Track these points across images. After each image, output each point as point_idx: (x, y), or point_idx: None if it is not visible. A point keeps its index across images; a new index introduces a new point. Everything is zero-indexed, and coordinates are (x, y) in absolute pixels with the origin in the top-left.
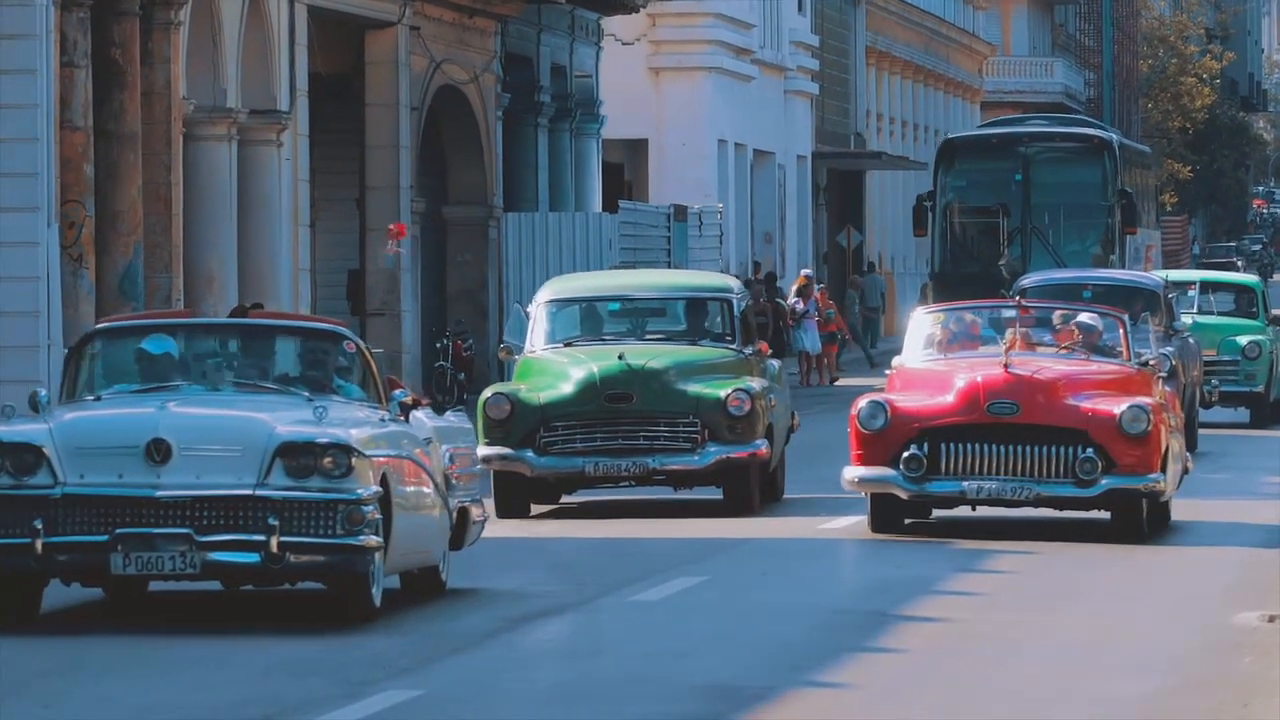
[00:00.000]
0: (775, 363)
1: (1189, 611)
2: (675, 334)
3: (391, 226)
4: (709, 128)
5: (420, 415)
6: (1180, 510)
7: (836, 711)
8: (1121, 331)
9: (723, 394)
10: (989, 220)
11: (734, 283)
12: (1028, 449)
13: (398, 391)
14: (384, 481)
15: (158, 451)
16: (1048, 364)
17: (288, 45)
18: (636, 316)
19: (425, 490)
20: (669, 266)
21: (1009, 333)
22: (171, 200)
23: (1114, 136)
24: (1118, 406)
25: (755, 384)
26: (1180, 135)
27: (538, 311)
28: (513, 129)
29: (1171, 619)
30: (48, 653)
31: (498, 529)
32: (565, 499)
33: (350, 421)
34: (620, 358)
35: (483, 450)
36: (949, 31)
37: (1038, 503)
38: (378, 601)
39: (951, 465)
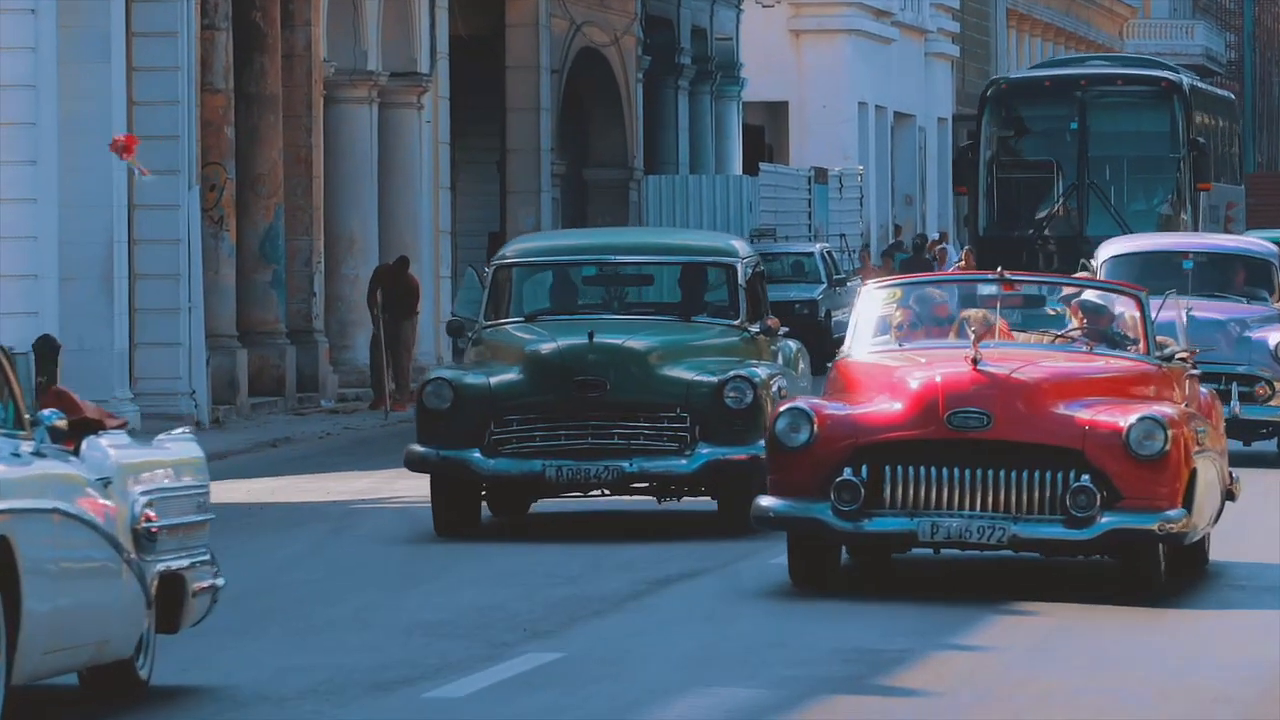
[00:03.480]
0: (792, 344)
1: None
2: (665, 307)
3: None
4: (849, 90)
5: (103, 444)
6: (1223, 547)
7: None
8: (1139, 314)
9: (718, 381)
10: (1041, 175)
11: (739, 244)
12: (1002, 474)
13: (47, 412)
14: (4, 546)
15: None
16: (1033, 359)
17: (428, 8)
18: (617, 285)
19: (94, 554)
20: (810, 231)
21: (979, 316)
22: (312, 163)
23: (1185, 79)
24: (1125, 417)
25: (761, 370)
26: None
27: (495, 277)
28: (653, 91)
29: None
30: None
31: (423, 555)
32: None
33: None
34: (591, 335)
35: (418, 449)
36: None
37: (1015, 546)
38: None
39: (899, 495)
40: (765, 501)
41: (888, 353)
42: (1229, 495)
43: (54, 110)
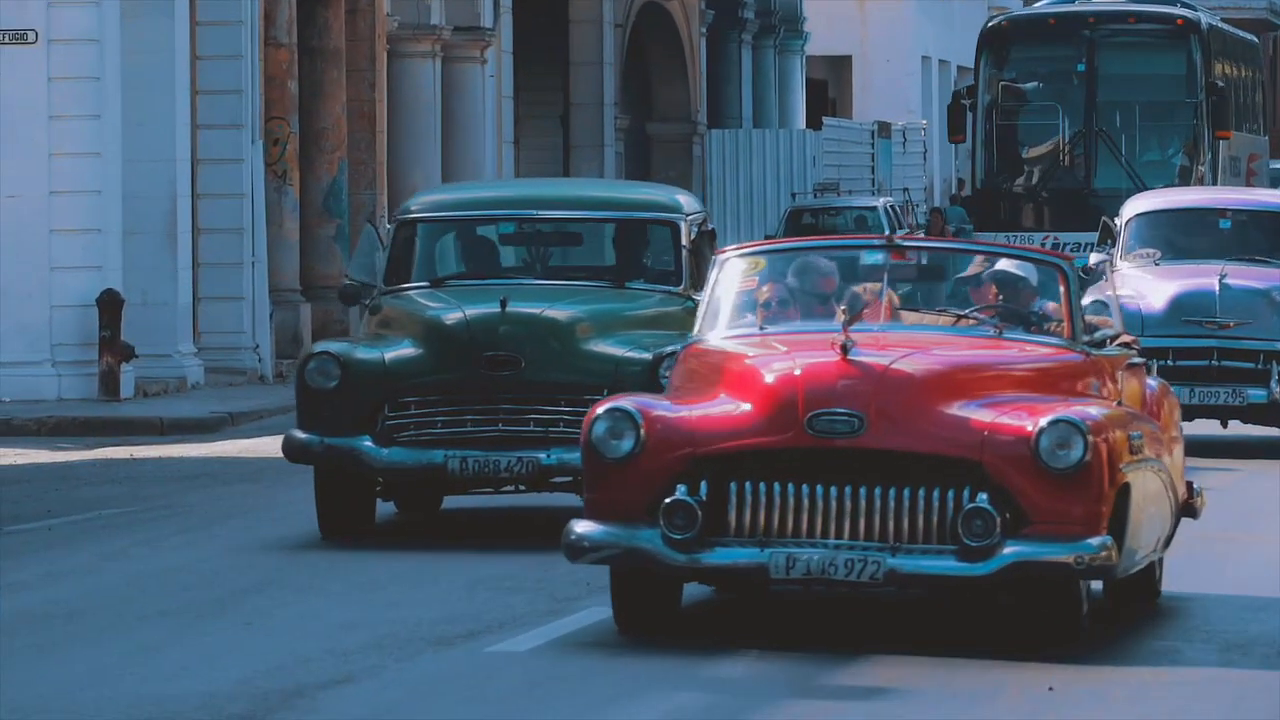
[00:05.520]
0: None
1: None
2: (597, 271)
3: None
4: (913, 44)
5: None
6: (1183, 571)
7: None
8: (1063, 289)
9: (653, 358)
10: (1044, 122)
11: (685, 198)
12: (877, 493)
13: None
14: None
15: None
16: (922, 345)
17: None
18: (540, 245)
19: None
20: (873, 185)
21: (857, 294)
22: (376, 117)
23: (1203, 18)
24: (1035, 420)
25: None
26: None
27: (397, 234)
28: (716, 46)
29: None
30: (251, 570)
31: (301, 559)
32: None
33: None
34: (504, 304)
35: (299, 436)
36: None
37: (894, 583)
38: None
39: (748, 520)
40: (580, 527)
41: (745, 338)
42: (1189, 511)
43: (117, 65)
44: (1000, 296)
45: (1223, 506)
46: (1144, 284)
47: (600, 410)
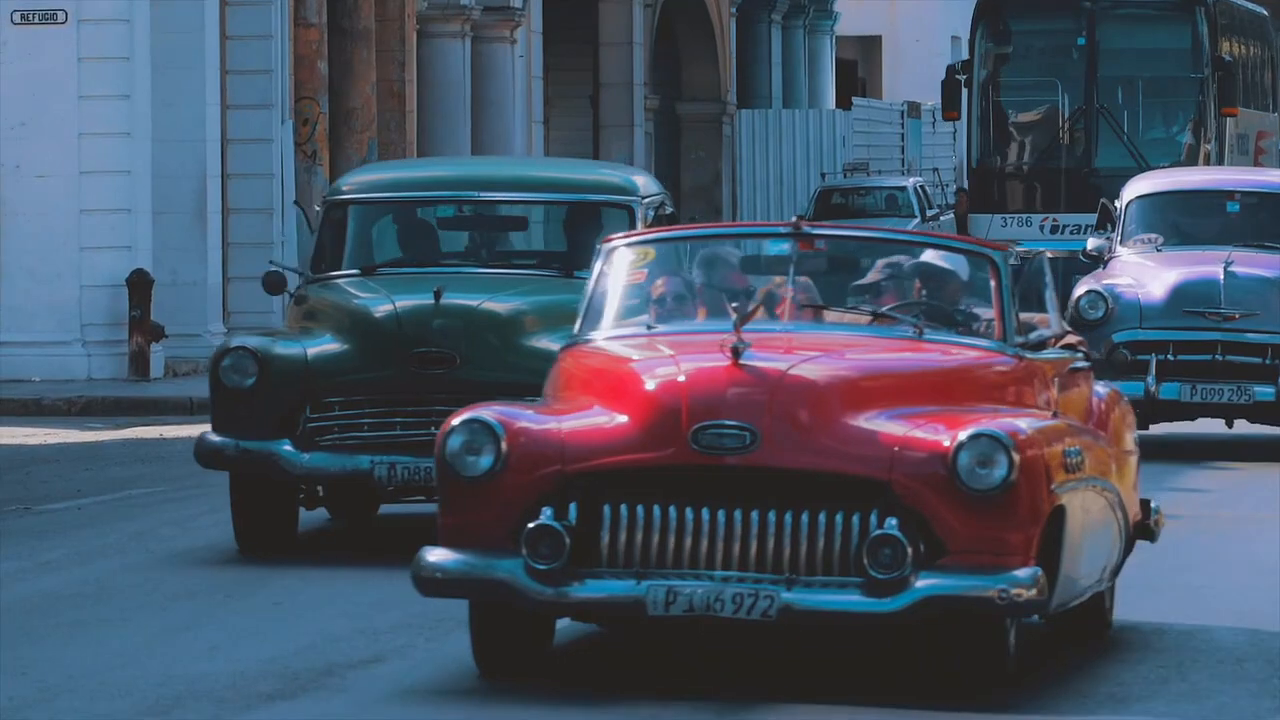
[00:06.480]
0: None
1: None
2: (544, 258)
3: None
4: (942, 24)
5: None
6: (1134, 601)
7: None
8: (995, 284)
9: None
10: (1042, 99)
11: (642, 179)
12: (771, 517)
13: None
14: None
15: None
16: (827, 347)
17: None
18: (483, 229)
19: None
20: (903, 165)
21: (773, 291)
22: (405, 97)
23: None
24: (952, 434)
25: None
26: None
27: (328, 216)
28: (746, 26)
29: None
30: (280, 549)
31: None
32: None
33: None
34: (438, 295)
35: (213, 439)
36: None
37: (789, 620)
38: None
39: (623, 547)
40: (433, 556)
41: (630, 339)
42: (1144, 533)
43: (147, 45)
44: (924, 292)
45: (1222, 506)
46: (1144, 272)
47: (456, 421)
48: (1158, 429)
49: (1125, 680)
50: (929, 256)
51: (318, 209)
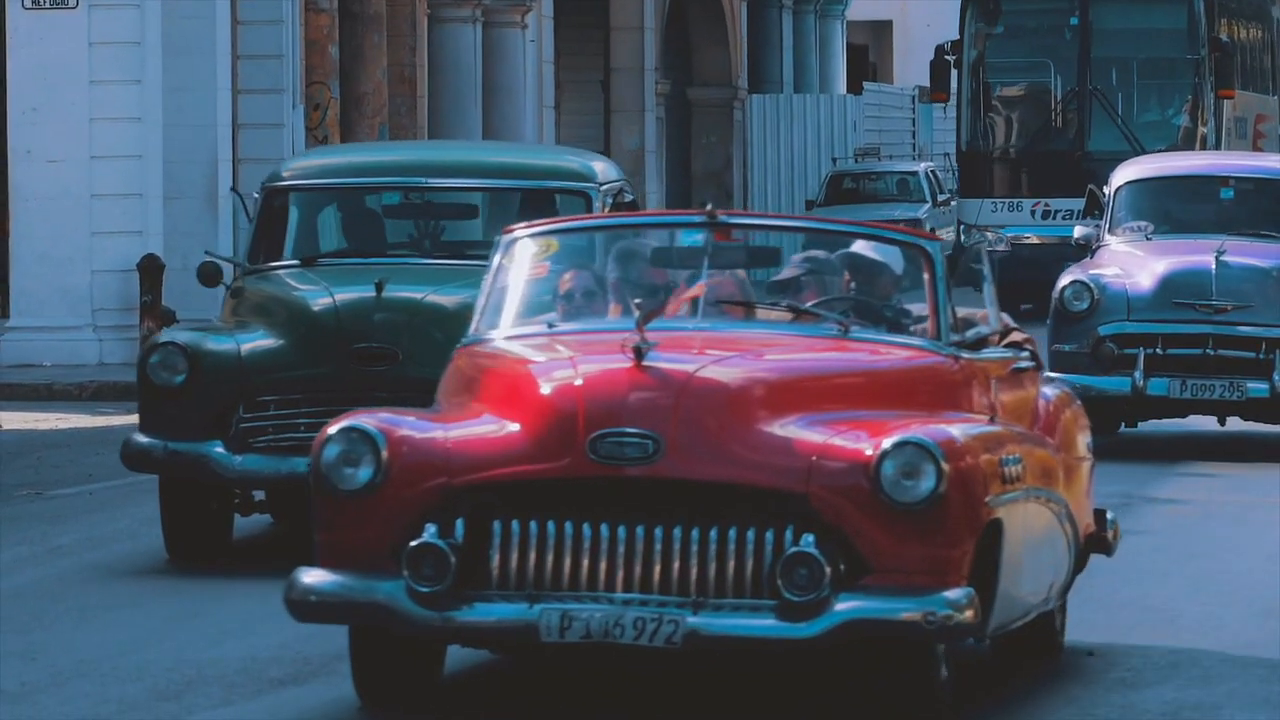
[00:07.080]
0: None
1: None
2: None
3: None
4: (954, 9)
5: None
6: (1088, 625)
7: None
8: (928, 277)
9: None
10: (1034, 80)
11: (600, 165)
12: (676, 534)
13: None
14: None
15: None
16: (741, 347)
17: None
18: (430, 218)
19: None
20: (914, 150)
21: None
22: (416, 82)
23: None
24: (874, 442)
25: None
26: None
27: (266, 204)
28: (757, 10)
29: None
30: (290, 533)
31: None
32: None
33: None
34: (380, 287)
35: (140, 440)
36: None
37: (695, 646)
38: None
39: (514, 567)
40: (308, 578)
41: (529, 339)
42: (1099, 546)
43: (158, 29)
44: (852, 286)
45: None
46: (1132, 261)
47: (333, 429)
48: (1146, 426)
49: (1079, 697)
50: (858, 247)
51: (255, 195)
